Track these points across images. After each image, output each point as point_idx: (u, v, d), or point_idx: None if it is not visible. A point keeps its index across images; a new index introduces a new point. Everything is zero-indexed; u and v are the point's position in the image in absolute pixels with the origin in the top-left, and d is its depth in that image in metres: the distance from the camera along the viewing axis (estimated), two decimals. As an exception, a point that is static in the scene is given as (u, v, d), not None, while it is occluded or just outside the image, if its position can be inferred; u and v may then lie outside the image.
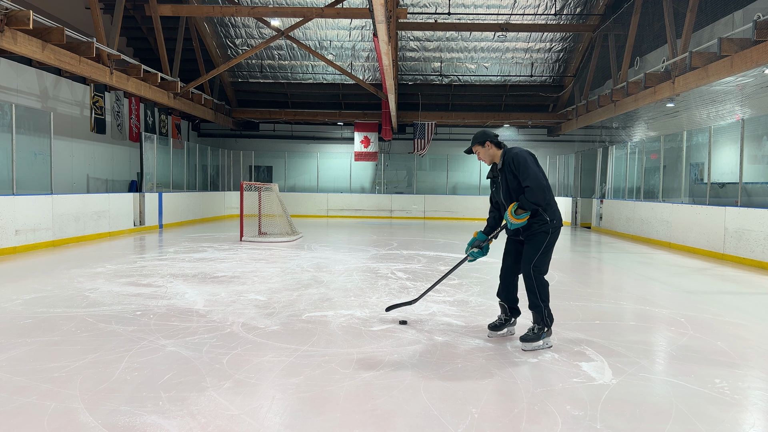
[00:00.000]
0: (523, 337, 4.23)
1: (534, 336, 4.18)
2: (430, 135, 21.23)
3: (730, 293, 6.89)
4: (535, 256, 4.12)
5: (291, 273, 7.53)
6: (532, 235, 4.15)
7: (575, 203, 18.31)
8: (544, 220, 4.10)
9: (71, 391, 3.24)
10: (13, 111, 9.43)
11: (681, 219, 11.48)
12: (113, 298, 5.74)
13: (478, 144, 4.32)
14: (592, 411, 3.08)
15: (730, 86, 12.45)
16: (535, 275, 4.12)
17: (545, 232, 4.11)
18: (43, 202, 9.89)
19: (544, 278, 4.17)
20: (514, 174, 4.13)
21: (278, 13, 14.68)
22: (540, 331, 4.18)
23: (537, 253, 4.12)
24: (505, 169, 4.19)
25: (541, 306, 4.14)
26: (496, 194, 4.35)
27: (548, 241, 4.13)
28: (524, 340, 4.20)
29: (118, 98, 15.94)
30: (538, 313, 4.17)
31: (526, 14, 17.10)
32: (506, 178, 4.19)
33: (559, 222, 4.16)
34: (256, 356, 3.92)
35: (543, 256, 4.14)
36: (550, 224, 4.10)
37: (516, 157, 4.12)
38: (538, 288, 4.13)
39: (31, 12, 8.92)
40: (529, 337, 4.20)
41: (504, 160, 4.21)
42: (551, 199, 4.14)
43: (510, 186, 4.17)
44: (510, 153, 4.20)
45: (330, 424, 2.87)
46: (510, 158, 4.16)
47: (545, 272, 4.18)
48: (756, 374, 3.78)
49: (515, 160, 4.11)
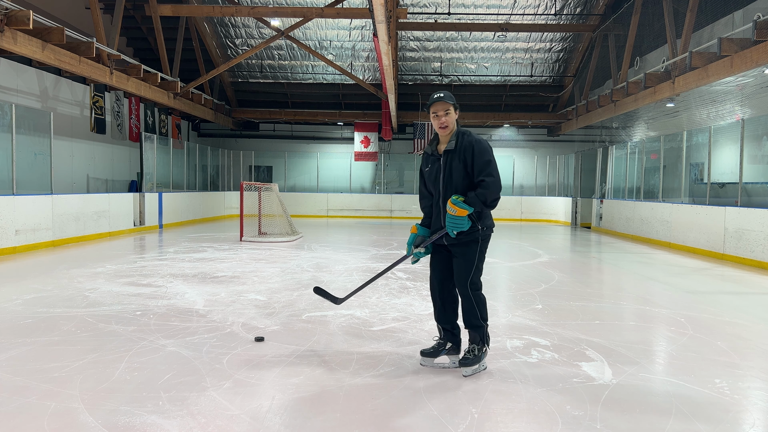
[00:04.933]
0: (463, 360, 3.67)
1: (475, 359, 3.65)
2: (430, 135, 21.22)
3: (729, 293, 6.89)
4: (469, 273, 3.57)
5: (291, 273, 7.53)
6: (461, 246, 3.57)
7: (575, 203, 18.31)
8: (474, 227, 3.53)
9: (71, 391, 3.24)
10: (13, 111, 9.42)
11: (681, 219, 11.48)
12: (113, 298, 5.74)
13: (453, 105, 3.57)
14: (592, 411, 3.08)
15: (730, 86, 12.45)
16: (473, 292, 3.59)
17: (475, 241, 3.56)
18: (43, 202, 9.89)
19: (482, 294, 3.67)
20: (466, 161, 3.49)
21: (278, 13, 14.68)
22: (480, 351, 3.67)
23: (471, 267, 3.56)
24: (456, 154, 3.51)
25: (482, 326, 3.65)
26: (432, 180, 3.65)
27: (480, 249, 3.60)
28: (465, 365, 3.64)
29: (118, 98, 15.95)
30: (478, 333, 3.66)
31: (526, 14, 17.10)
32: (451, 163, 3.53)
33: (490, 227, 3.65)
34: (256, 356, 3.92)
35: (478, 269, 3.61)
36: (480, 231, 3.56)
37: (480, 144, 3.50)
38: (478, 307, 3.62)
39: (31, 12, 8.92)
40: (469, 360, 3.65)
41: (461, 141, 3.52)
42: None
43: (453, 174, 3.52)
44: (471, 136, 3.55)
45: (330, 424, 2.87)
46: (471, 142, 3.50)
47: (481, 285, 3.67)
48: (756, 374, 3.78)
49: (478, 146, 3.48)
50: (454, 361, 3.79)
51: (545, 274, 7.91)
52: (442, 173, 3.57)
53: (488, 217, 3.65)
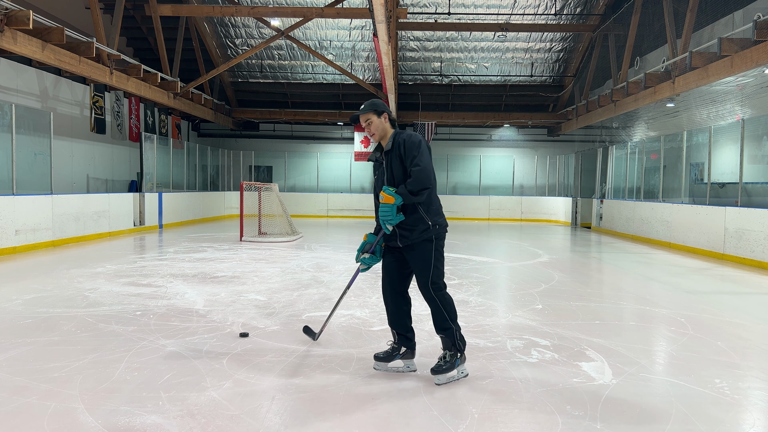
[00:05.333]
0: (435, 368, 3.52)
1: (448, 366, 3.51)
2: (430, 135, 21.21)
3: (729, 293, 6.89)
4: (428, 274, 3.48)
5: (291, 273, 7.53)
6: (414, 247, 3.51)
7: (575, 203, 18.31)
8: (425, 225, 3.46)
9: (71, 391, 3.24)
10: (13, 111, 9.42)
11: (681, 219, 11.48)
12: (113, 298, 5.74)
13: (374, 112, 3.57)
14: (592, 411, 3.08)
15: (730, 86, 12.45)
16: (436, 293, 3.50)
17: (429, 240, 3.49)
18: (43, 202, 9.89)
19: (447, 294, 3.56)
20: (401, 157, 3.48)
21: (278, 13, 14.68)
22: (453, 358, 3.52)
23: (429, 268, 3.48)
24: (393, 153, 3.52)
25: (452, 328, 3.52)
26: (378, 184, 3.64)
27: (435, 248, 3.50)
28: (437, 372, 3.49)
29: (118, 98, 15.95)
30: (449, 337, 3.52)
31: (526, 14, 17.10)
32: (392, 164, 3.52)
33: (443, 227, 3.56)
34: (256, 356, 3.92)
35: (437, 268, 3.52)
36: (432, 230, 3.48)
37: (410, 138, 3.50)
38: (444, 308, 3.51)
39: (31, 12, 8.92)
40: (442, 367, 3.50)
41: (394, 141, 3.54)
42: (436, 202, 3.57)
43: (394, 173, 3.52)
44: (403, 134, 3.56)
45: (330, 424, 2.87)
46: (402, 140, 3.51)
47: (445, 285, 3.58)
48: (756, 374, 3.78)
49: (408, 142, 3.48)
50: (408, 365, 3.72)
51: (545, 274, 7.90)
52: (385, 174, 3.59)
53: (440, 216, 3.57)
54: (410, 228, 3.49)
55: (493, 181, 22.47)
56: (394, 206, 3.40)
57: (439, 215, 3.57)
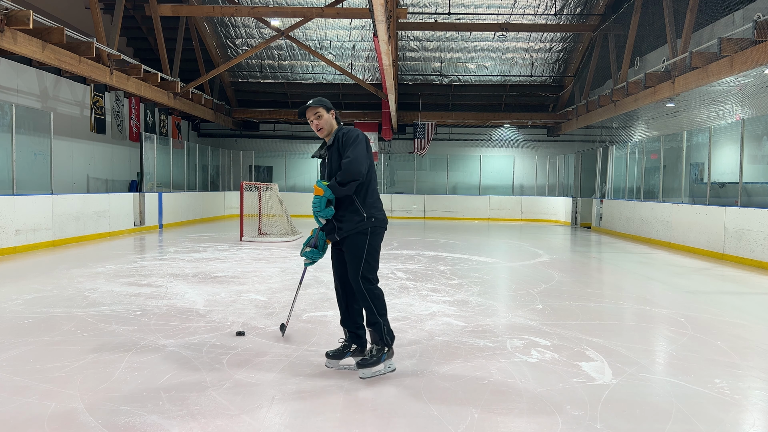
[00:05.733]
0: (361, 362, 3.56)
1: (373, 360, 3.54)
2: (430, 135, 21.23)
3: (730, 293, 6.89)
4: (359, 266, 3.51)
5: (291, 273, 7.53)
6: (348, 239, 3.55)
7: (575, 203, 18.31)
8: (360, 216, 3.51)
9: (71, 391, 3.24)
10: (13, 111, 9.42)
11: (681, 219, 11.48)
12: (113, 298, 5.74)
13: (323, 107, 3.66)
14: (592, 411, 3.08)
15: (730, 86, 12.45)
16: (366, 287, 3.52)
17: (363, 234, 3.52)
18: (43, 202, 9.89)
19: (377, 288, 3.59)
20: (340, 152, 3.55)
21: (278, 13, 14.68)
22: (380, 352, 3.56)
23: (360, 260, 3.51)
24: (333, 147, 3.60)
25: (380, 322, 3.54)
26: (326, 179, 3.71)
27: (369, 243, 3.53)
28: (362, 366, 3.54)
29: (118, 98, 15.95)
30: (377, 331, 3.55)
31: (526, 14, 17.10)
32: (332, 158, 3.61)
33: (380, 222, 3.59)
34: (256, 356, 3.92)
35: (368, 263, 3.54)
36: (367, 222, 3.51)
37: (349, 132, 3.57)
38: (372, 301, 3.53)
39: (31, 12, 8.92)
40: (368, 361, 3.54)
41: (336, 136, 3.62)
42: (373, 196, 3.60)
43: (333, 167, 3.59)
44: (344, 129, 3.64)
45: (330, 424, 2.87)
46: (342, 134, 3.59)
47: (376, 280, 3.60)
48: (756, 374, 3.78)
49: (346, 136, 3.55)
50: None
51: (545, 274, 7.91)
52: (327, 171, 3.65)
53: (377, 209, 3.60)
54: (345, 220, 3.54)
55: (493, 181, 22.47)
56: (324, 198, 3.47)
57: (376, 209, 3.59)
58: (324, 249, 3.78)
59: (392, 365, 3.65)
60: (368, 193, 3.57)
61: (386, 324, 3.58)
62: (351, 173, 3.41)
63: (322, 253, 3.78)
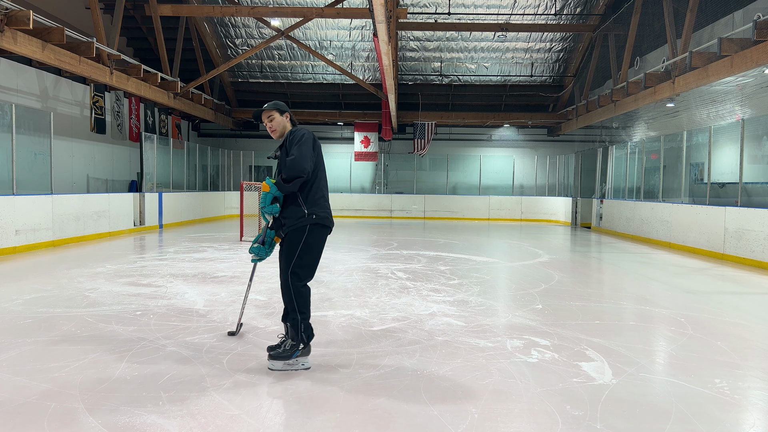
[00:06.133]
0: (273, 354, 3.64)
1: (285, 354, 3.61)
2: (430, 135, 21.22)
3: (730, 293, 6.89)
4: (290, 261, 3.56)
5: (291, 273, 7.52)
6: (288, 234, 3.61)
7: (575, 203, 18.31)
8: (301, 213, 3.56)
9: (71, 391, 3.24)
10: (13, 111, 9.42)
11: (681, 219, 11.48)
12: (113, 298, 5.74)
13: (276, 110, 3.76)
14: (592, 411, 3.08)
15: (730, 86, 12.45)
16: (292, 282, 3.56)
17: (301, 230, 3.56)
18: (43, 202, 9.89)
19: (305, 287, 3.63)
20: (287, 152, 3.61)
21: (278, 13, 14.68)
22: (293, 348, 3.61)
23: (293, 255, 3.56)
24: (283, 147, 3.68)
25: (298, 319, 3.59)
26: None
27: (305, 240, 3.56)
28: (273, 358, 3.62)
29: (118, 98, 15.95)
30: (293, 327, 3.60)
31: (526, 14, 17.10)
32: (282, 157, 3.68)
33: (323, 220, 3.62)
34: (256, 356, 3.92)
35: (301, 259, 3.57)
36: (307, 218, 3.56)
37: (296, 132, 3.63)
38: (295, 297, 3.57)
39: (31, 12, 8.92)
40: (279, 354, 3.62)
41: (287, 136, 3.70)
42: (317, 194, 3.64)
43: (282, 166, 3.64)
44: (293, 129, 3.71)
45: (330, 424, 2.87)
46: (290, 133, 3.67)
47: (307, 279, 3.63)
48: (756, 374, 3.78)
49: (292, 135, 3.62)
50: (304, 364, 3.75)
51: (545, 274, 7.91)
52: (278, 168, 3.73)
53: (320, 208, 3.64)
54: (288, 216, 3.62)
55: (493, 181, 22.48)
56: (269, 195, 3.55)
57: (319, 207, 3.63)
58: (272, 246, 3.85)
59: (307, 363, 3.68)
60: (312, 190, 3.62)
61: (304, 321, 3.62)
62: (295, 170, 3.48)
63: (269, 250, 3.84)
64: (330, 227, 3.71)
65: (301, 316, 3.60)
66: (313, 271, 3.67)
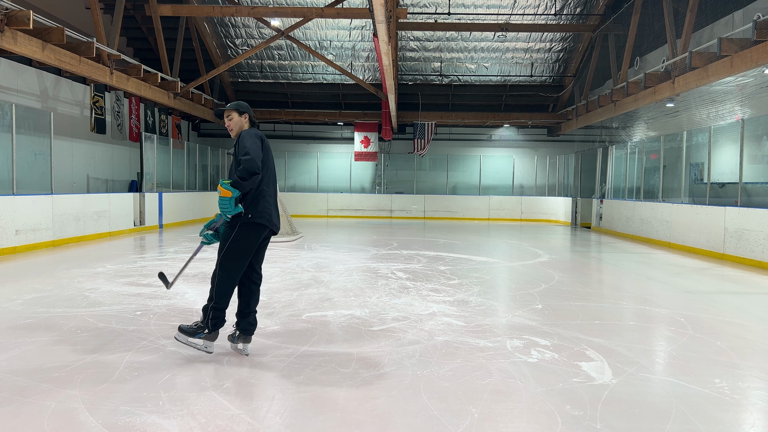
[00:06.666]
0: (181, 326, 3.89)
1: (190, 330, 3.83)
2: (430, 135, 21.22)
3: (730, 293, 6.89)
4: (221, 252, 3.74)
5: (291, 273, 7.53)
6: (226, 227, 3.79)
7: (575, 203, 18.31)
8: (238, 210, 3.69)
9: (71, 391, 3.24)
10: (13, 111, 9.42)
11: (681, 219, 11.49)
12: (113, 298, 5.74)
13: (236, 111, 3.90)
14: (592, 411, 3.08)
15: (730, 86, 12.45)
16: (219, 272, 3.74)
17: (232, 226, 3.72)
18: (43, 202, 9.89)
19: (229, 280, 3.76)
20: (237, 152, 3.74)
21: (278, 13, 14.68)
22: (199, 329, 3.82)
23: (223, 246, 3.73)
24: (236, 147, 3.78)
25: (209, 306, 3.78)
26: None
27: (234, 236, 3.70)
28: (180, 330, 3.86)
29: (118, 98, 15.95)
30: (204, 310, 3.82)
31: (526, 14, 17.10)
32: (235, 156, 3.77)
33: (256, 218, 3.72)
34: (256, 356, 3.92)
35: (228, 253, 3.72)
36: (242, 217, 3.69)
37: (246, 132, 3.76)
38: (216, 287, 3.75)
39: (31, 12, 8.92)
40: (185, 329, 3.85)
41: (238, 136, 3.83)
42: (259, 195, 3.74)
43: (234, 164, 3.77)
44: (245, 129, 3.85)
45: (330, 424, 2.87)
46: (241, 132, 3.80)
47: (234, 274, 3.76)
48: (756, 374, 3.78)
49: (242, 135, 3.74)
50: (242, 348, 3.97)
51: (545, 274, 7.91)
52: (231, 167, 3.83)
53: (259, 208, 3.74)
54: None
55: (493, 181, 22.47)
56: (232, 199, 3.58)
57: (256, 206, 3.73)
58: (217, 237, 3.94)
59: (210, 347, 3.89)
60: (255, 192, 3.73)
61: (214, 311, 3.77)
62: (250, 168, 3.56)
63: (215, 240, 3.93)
64: (268, 227, 3.80)
65: (213, 304, 3.76)
66: (242, 265, 3.78)
